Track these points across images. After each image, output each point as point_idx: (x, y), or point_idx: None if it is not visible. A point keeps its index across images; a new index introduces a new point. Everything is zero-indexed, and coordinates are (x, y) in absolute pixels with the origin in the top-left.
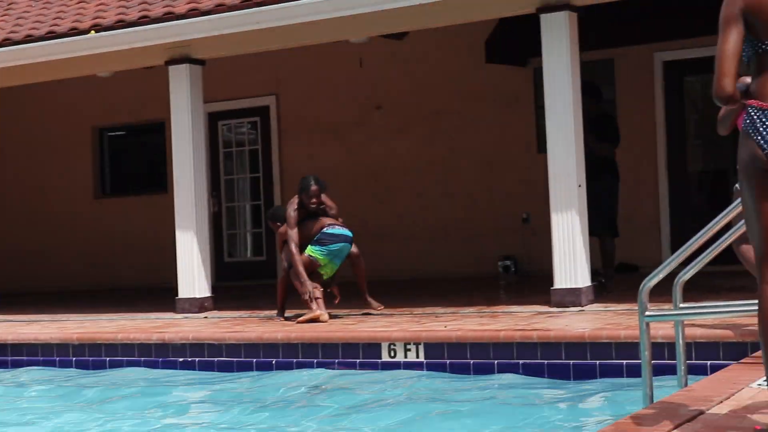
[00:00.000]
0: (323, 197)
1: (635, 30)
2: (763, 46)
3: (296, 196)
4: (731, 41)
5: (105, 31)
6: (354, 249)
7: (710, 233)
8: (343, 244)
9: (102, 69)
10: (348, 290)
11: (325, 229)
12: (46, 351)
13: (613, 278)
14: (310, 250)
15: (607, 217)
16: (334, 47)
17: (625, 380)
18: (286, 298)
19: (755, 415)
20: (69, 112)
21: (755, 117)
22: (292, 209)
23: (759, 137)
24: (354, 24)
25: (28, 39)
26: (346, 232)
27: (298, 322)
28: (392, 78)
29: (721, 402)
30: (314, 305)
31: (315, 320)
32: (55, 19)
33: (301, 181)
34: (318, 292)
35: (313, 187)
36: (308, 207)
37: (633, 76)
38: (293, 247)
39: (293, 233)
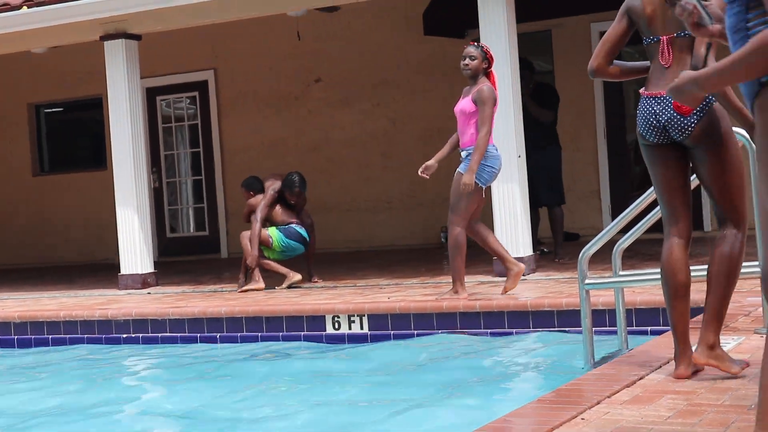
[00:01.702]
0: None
1: (571, 1)
2: (645, 40)
3: (277, 177)
4: (610, 31)
5: (38, 6)
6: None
7: (648, 201)
8: (300, 245)
9: (36, 45)
10: (292, 264)
11: (294, 225)
12: None
13: (561, 245)
14: (273, 232)
15: (555, 187)
16: (272, 20)
17: (567, 347)
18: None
19: (693, 379)
20: (4, 89)
21: (640, 102)
22: (272, 190)
23: (638, 120)
24: None
25: None
26: (307, 235)
27: (241, 291)
28: (331, 51)
29: (660, 366)
30: (258, 275)
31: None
32: None
33: (287, 177)
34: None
35: (297, 189)
36: (287, 200)
37: (570, 47)
38: (259, 220)
39: (263, 210)
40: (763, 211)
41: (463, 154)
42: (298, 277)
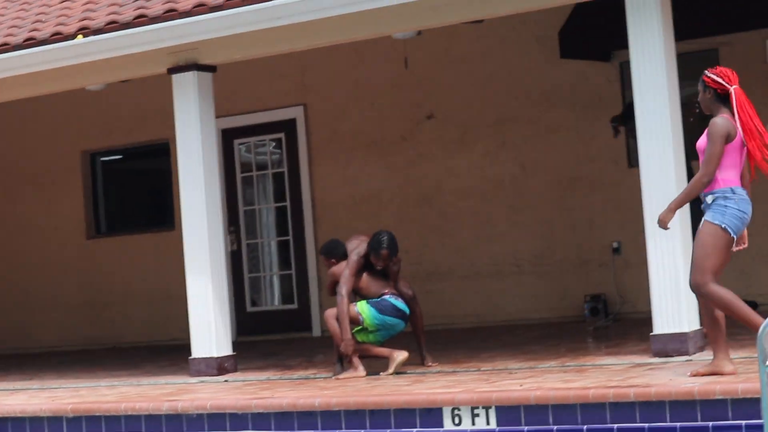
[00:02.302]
0: (395, 269)
1: (743, 14)
2: None
3: (362, 239)
4: None
5: (95, 34)
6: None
7: None
8: (399, 321)
9: (92, 81)
10: (397, 343)
11: (388, 297)
12: (35, 426)
13: None
14: (363, 308)
15: None
16: (374, 45)
17: None
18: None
19: None
20: (55, 134)
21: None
22: (356, 254)
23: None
24: (399, 14)
25: (4, 48)
26: (406, 308)
27: (338, 379)
28: (446, 81)
29: None
30: (356, 361)
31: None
32: (35, 22)
33: (373, 237)
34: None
35: (384, 251)
36: (374, 265)
37: (741, 69)
38: (344, 294)
39: (349, 280)
40: None
41: (708, 199)
42: (404, 354)
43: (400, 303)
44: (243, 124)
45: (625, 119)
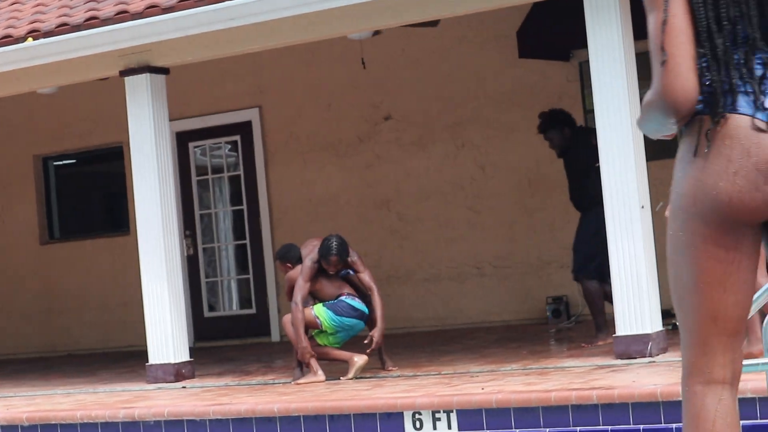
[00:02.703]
0: (355, 260)
1: None
2: None
3: (316, 244)
4: None
5: (45, 37)
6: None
7: None
8: (358, 321)
9: (44, 84)
10: (356, 346)
11: (344, 298)
12: None
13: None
14: (320, 311)
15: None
16: (330, 46)
17: None
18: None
19: None
20: (6, 139)
21: None
22: (309, 260)
23: None
24: (354, 14)
25: None
26: (364, 308)
27: (297, 384)
28: (404, 81)
29: None
30: (315, 366)
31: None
32: None
33: (322, 243)
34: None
35: (333, 257)
36: (329, 270)
37: None
38: (299, 302)
39: (303, 287)
40: None
41: None
42: (363, 358)
43: (357, 303)
44: (198, 127)
45: (545, 127)
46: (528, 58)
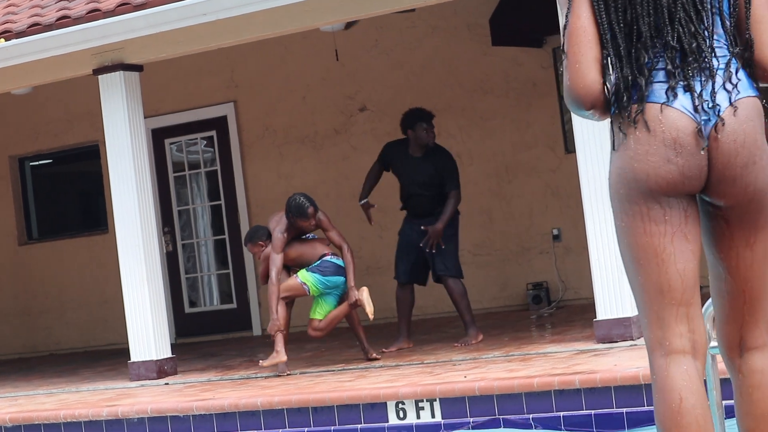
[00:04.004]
0: (322, 218)
1: None
2: None
3: (280, 215)
4: None
5: (17, 38)
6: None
7: None
8: (341, 278)
9: (18, 85)
10: (340, 337)
11: (328, 258)
12: None
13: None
14: (305, 277)
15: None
16: (302, 38)
17: None
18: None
19: None
20: None
21: None
22: (278, 232)
23: None
24: (326, 6)
25: None
26: (342, 263)
27: (262, 366)
28: (377, 72)
29: None
30: (279, 345)
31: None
32: None
33: (290, 203)
34: (281, 335)
35: (309, 209)
36: (306, 230)
37: None
38: (274, 275)
39: (278, 258)
40: None
41: None
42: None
43: (340, 261)
44: (173, 123)
45: (408, 124)
46: (501, 46)
